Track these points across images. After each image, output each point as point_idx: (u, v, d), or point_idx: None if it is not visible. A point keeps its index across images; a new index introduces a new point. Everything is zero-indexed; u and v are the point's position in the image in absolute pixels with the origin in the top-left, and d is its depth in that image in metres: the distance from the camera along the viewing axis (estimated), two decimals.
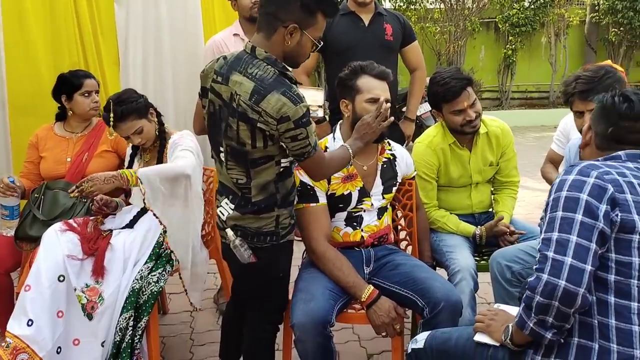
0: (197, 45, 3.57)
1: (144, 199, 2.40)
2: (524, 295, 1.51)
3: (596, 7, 10.45)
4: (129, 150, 2.75)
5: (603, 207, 1.47)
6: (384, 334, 2.10)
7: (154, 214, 2.46)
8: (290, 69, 1.89)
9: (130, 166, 2.71)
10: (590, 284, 1.44)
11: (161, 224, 2.48)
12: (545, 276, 1.45)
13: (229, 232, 1.96)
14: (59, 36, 3.22)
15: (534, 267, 1.51)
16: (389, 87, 2.30)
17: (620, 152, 1.63)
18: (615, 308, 1.46)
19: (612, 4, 9.91)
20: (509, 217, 2.72)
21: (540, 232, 1.58)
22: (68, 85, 2.77)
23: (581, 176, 1.53)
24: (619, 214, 1.47)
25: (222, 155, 1.95)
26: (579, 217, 1.47)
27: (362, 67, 2.26)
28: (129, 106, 2.52)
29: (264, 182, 1.91)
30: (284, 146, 1.86)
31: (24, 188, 2.71)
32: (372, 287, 2.13)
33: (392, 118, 2.14)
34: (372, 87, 2.23)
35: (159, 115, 2.67)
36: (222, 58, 1.94)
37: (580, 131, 2.26)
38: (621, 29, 10.12)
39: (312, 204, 2.21)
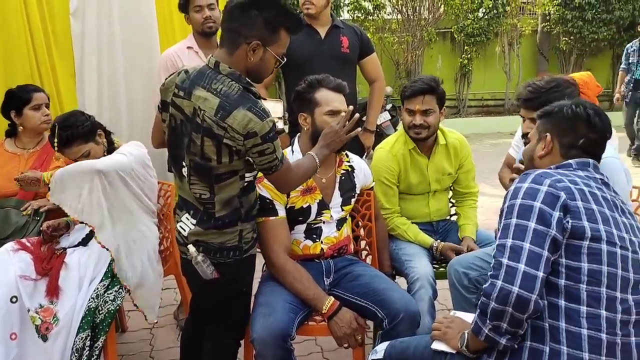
0: (153, 60, 3.53)
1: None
2: (479, 302, 1.55)
3: (547, 17, 10.80)
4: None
5: (556, 214, 1.52)
6: (345, 345, 2.11)
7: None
8: (254, 84, 1.89)
9: None
10: (542, 289, 1.49)
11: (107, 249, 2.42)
12: (499, 282, 1.49)
13: (191, 248, 1.93)
14: (12, 50, 3.14)
15: (489, 273, 1.55)
16: (346, 99, 2.33)
17: (570, 161, 1.69)
18: (566, 311, 1.50)
19: (562, 14, 10.26)
20: (474, 228, 2.79)
21: (495, 237, 1.62)
22: (17, 100, 2.71)
23: (535, 184, 1.58)
24: (570, 221, 1.52)
25: (184, 170, 1.93)
26: (532, 224, 1.52)
27: (318, 80, 2.28)
28: (74, 131, 2.44)
29: (228, 197, 1.89)
30: (251, 161, 1.86)
31: None
32: (332, 299, 2.14)
33: (360, 129, 2.16)
34: (331, 100, 2.26)
35: (108, 134, 2.61)
36: (183, 72, 1.92)
37: (524, 135, 2.35)
38: (571, 38, 10.48)
39: (271, 218, 2.21)
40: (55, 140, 2.43)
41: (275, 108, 2.49)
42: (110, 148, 2.59)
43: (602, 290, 1.50)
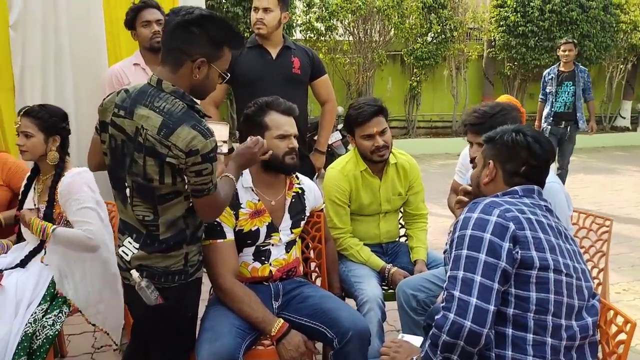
0: (101, 75, 3.44)
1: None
2: (431, 333, 1.55)
3: (492, 43, 11.21)
4: (24, 182, 2.58)
5: (506, 245, 1.54)
6: None
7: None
8: (198, 101, 1.86)
9: (24, 196, 2.54)
10: (493, 322, 1.50)
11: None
12: (452, 315, 1.50)
13: (134, 273, 1.85)
14: None
15: (441, 305, 1.55)
16: (296, 121, 2.33)
17: (516, 188, 1.72)
18: (512, 340, 1.53)
19: (506, 40, 10.66)
20: (425, 251, 2.82)
21: (445, 264, 1.63)
22: None
23: (484, 214, 1.59)
24: (520, 251, 1.55)
25: (126, 191, 1.87)
26: (482, 256, 1.53)
27: (267, 103, 2.28)
28: (42, 112, 2.44)
29: (173, 218, 1.85)
30: (186, 180, 1.81)
31: None
32: (282, 321, 2.12)
33: (271, 152, 2.15)
34: (281, 124, 2.25)
35: (64, 148, 2.51)
36: (123, 91, 1.87)
37: (472, 160, 2.40)
38: (515, 63, 10.90)
39: (219, 240, 2.17)
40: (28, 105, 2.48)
41: (220, 131, 2.43)
42: (60, 164, 2.47)
43: (548, 318, 1.54)
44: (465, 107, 11.04)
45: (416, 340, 1.77)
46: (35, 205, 2.49)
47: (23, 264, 2.42)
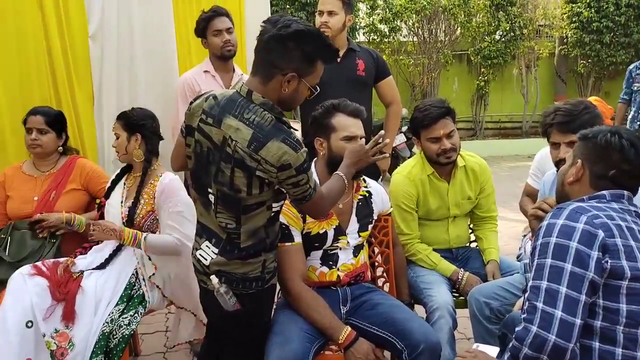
0: (172, 84, 3.54)
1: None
2: (510, 345, 1.48)
3: (565, 40, 10.76)
4: (113, 177, 2.71)
5: (594, 255, 1.44)
6: None
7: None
8: (284, 114, 1.85)
9: (111, 190, 2.66)
10: (579, 336, 1.42)
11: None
12: (534, 328, 1.42)
13: (214, 279, 1.86)
14: (28, 71, 3.16)
15: (522, 316, 1.48)
16: (363, 123, 2.31)
17: (604, 192, 1.60)
18: (600, 354, 1.44)
19: (579, 37, 10.22)
20: (497, 253, 2.73)
21: (526, 271, 1.55)
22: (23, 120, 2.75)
23: (570, 221, 1.50)
24: (609, 261, 1.45)
25: (210, 197, 1.87)
26: (568, 266, 1.44)
27: (335, 105, 2.26)
28: (126, 114, 2.62)
29: (255, 227, 1.85)
30: (284, 191, 1.83)
31: None
32: (349, 329, 2.09)
33: (388, 154, 2.12)
34: (347, 125, 2.24)
35: (147, 147, 2.60)
36: (211, 97, 1.86)
37: (556, 163, 2.29)
38: (589, 61, 10.42)
39: (287, 244, 2.17)
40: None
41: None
42: (145, 165, 2.58)
43: (639, 332, 1.43)
44: (535, 107, 10.68)
45: (492, 351, 1.70)
46: (122, 199, 2.60)
47: (102, 266, 2.51)
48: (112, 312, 2.35)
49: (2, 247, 2.55)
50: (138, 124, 2.59)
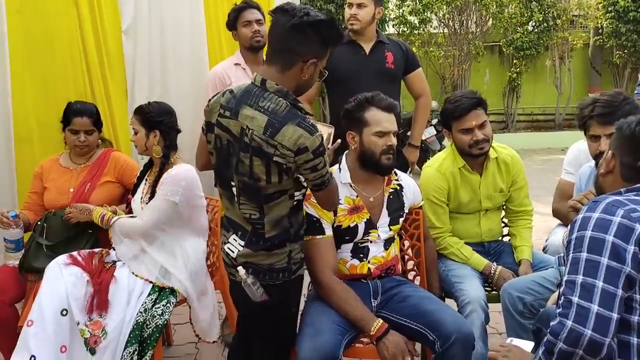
0: (203, 76, 3.57)
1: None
2: (545, 340, 1.45)
3: (600, 31, 10.49)
4: (138, 174, 2.73)
5: (631, 249, 1.41)
6: None
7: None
8: (301, 100, 1.88)
9: (137, 187, 2.68)
10: (616, 331, 1.39)
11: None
12: (569, 323, 1.40)
13: (241, 270, 1.89)
14: (64, 66, 3.22)
15: (557, 311, 1.45)
16: (396, 118, 2.29)
17: None
18: (638, 349, 1.40)
19: (615, 27, 9.94)
20: (530, 250, 2.69)
21: (560, 264, 1.52)
22: (64, 116, 2.78)
23: (606, 214, 1.47)
24: None
25: (233, 189, 1.90)
26: (604, 260, 1.42)
27: (368, 99, 2.24)
28: (144, 109, 2.61)
29: (278, 217, 1.87)
30: (303, 178, 1.85)
31: (28, 221, 2.71)
32: (381, 321, 2.09)
33: (339, 141, 2.19)
34: (380, 120, 2.22)
35: (166, 143, 2.61)
36: (228, 92, 1.91)
37: (595, 157, 2.23)
38: (625, 51, 10.14)
39: (318, 237, 2.17)
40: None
41: (323, 132, 2.44)
42: (163, 160, 2.59)
43: None
44: (569, 99, 10.45)
45: (526, 345, 1.67)
46: (142, 195, 2.62)
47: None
48: (145, 302, 2.38)
49: (38, 233, 2.61)
50: (156, 121, 2.59)
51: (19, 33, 3.09)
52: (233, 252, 1.94)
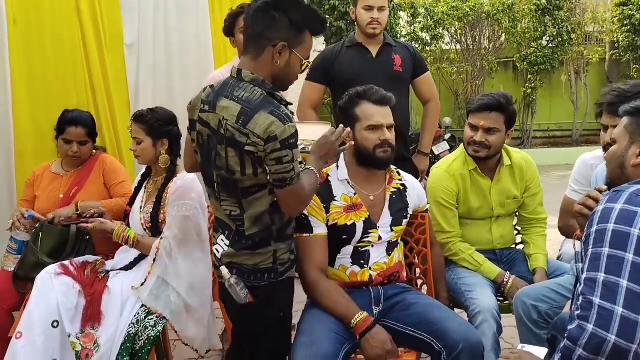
0: None
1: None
2: (562, 345, 1.31)
3: (616, 45, 10.35)
4: (135, 184, 2.64)
5: None
6: None
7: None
8: (279, 90, 1.83)
9: (135, 196, 2.58)
10: None
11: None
12: (590, 327, 1.26)
13: (224, 269, 1.83)
14: (65, 77, 3.20)
15: (576, 313, 1.31)
16: (396, 112, 2.21)
17: None
18: None
19: (632, 40, 9.80)
20: (545, 259, 2.55)
21: (577, 261, 1.39)
22: (58, 124, 2.70)
23: (630, 205, 1.34)
24: None
25: (215, 186, 1.85)
26: (629, 256, 1.28)
27: (359, 93, 2.17)
28: (148, 117, 2.46)
29: (258, 213, 1.80)
30: (267, 170, 1.74)
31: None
32: (365, 313, 1.97)
33: (351, 143, 2.05)
34: (372, 114, 2.13)
35: (174, 151, 2.52)
36: (209, 87, 1.88)
37: (604, 147, 2.10)
38: None
39: (305, 234, 2.08)
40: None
41: (318, 131, 2.33)
42: (170, 167, 2.49)
43: None
44: (586, 114, 10.28)
45: (539, 352, 1.53)
46: (142, 205, 2.53)
47: (129, 267, 2.46)
48: (138, 313, 2.28)
49: (33, 242, 2.53)
50: (164, 130, 2.48)
51: (19, 43, 3.08)
52: (219, 252, 1.88)
